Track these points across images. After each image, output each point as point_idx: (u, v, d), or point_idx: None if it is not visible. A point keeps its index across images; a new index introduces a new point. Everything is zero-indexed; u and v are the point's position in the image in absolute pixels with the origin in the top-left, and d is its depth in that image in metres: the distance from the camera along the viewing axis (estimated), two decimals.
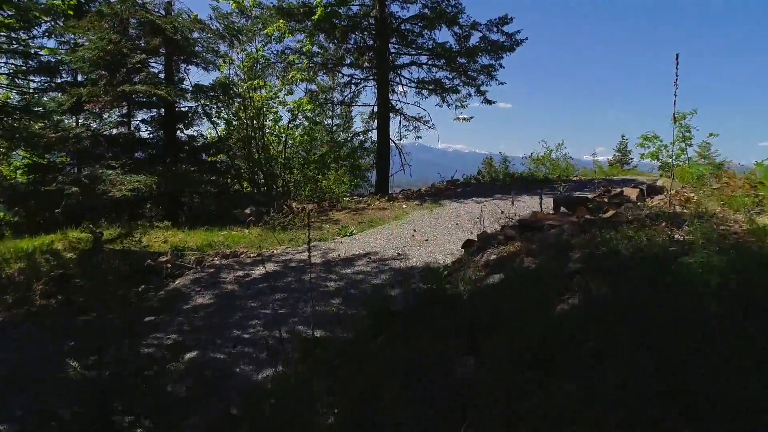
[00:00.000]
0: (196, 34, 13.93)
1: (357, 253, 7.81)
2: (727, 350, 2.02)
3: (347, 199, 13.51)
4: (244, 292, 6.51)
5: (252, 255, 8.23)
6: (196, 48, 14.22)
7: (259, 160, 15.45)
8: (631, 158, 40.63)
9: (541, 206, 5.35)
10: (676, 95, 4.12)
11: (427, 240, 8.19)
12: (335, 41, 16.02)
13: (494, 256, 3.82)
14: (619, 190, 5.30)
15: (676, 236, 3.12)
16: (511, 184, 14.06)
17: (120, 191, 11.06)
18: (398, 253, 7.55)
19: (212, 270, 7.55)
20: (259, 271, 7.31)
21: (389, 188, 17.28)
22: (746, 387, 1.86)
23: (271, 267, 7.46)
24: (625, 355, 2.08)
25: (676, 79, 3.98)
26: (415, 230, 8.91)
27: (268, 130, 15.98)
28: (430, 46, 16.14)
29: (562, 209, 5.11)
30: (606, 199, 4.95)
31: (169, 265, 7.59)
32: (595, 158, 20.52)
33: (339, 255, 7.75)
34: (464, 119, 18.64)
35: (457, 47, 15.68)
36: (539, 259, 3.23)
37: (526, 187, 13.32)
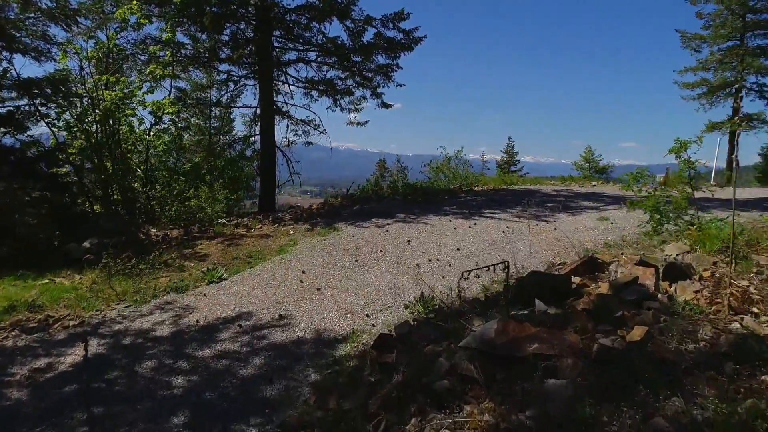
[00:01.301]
0: (15, 14, 10.83)
1: (223, 315, 5.76)
2: None
3: (223, 221, 11.18)
4: (36, 404, 4.21)
5: (72, 323, 5.83)
6: (18, 32, 11.12)
7: (114, 173, 12.54)
8: (518, 160, 42.20)
9: (507, 292, 3.75)
10: (740, 118, 2.78)
11: (319, 289, 6.36)
12: (206, 31, 13.53)
13: None
14: (629, 274, 3.69)
15: None
16: (414, 198, 12.70)
17: None
18: (280, 315, 5.64)
19: None
20: (72, 356, 5.00)
21: (275, 202, 15.18)
22: None
23: (93, 347, 5.18)
24: None
25: (741, 97, 2.63)
26: (304, 272, 7.05)
27: (123, 136, 13.01)
28: (320, 41, 14.25)
29: (539, 304, 3.42)
30: (606, 288, 3.45)
31: None
32: (484, 159, 19.97)
33: (198, 321, 5.65)
34: (358, 123, 17.01)
35: (351, 44, 13.95)
36: None
37: (430, 202, 12.02)
